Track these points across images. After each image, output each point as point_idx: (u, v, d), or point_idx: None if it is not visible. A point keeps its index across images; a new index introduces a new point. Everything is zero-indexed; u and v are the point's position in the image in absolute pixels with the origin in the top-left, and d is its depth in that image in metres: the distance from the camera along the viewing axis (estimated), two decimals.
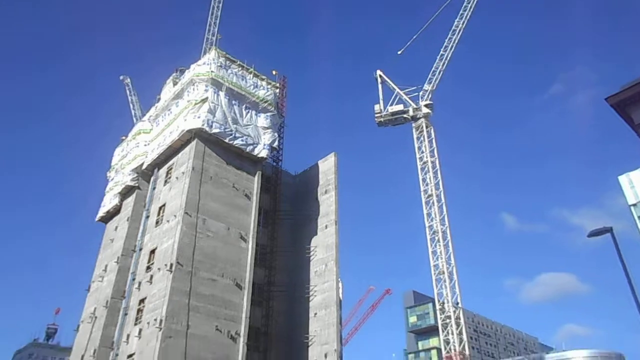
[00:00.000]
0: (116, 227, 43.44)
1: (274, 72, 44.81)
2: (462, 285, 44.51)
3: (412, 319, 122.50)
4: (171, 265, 30.97)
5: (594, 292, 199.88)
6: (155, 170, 40.51)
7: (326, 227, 40.73)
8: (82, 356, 36.46)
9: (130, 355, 30.87)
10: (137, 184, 42.71)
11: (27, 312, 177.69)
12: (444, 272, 44.38)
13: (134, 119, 51.53)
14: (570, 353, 76.96)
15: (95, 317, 37.64)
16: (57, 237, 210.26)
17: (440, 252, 45.22)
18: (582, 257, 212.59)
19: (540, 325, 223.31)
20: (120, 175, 45.19)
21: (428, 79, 53.58)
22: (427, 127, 50.73)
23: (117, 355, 32.26)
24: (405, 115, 52.12)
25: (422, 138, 50.65)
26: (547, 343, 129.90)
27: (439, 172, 48.82)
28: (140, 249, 36.68)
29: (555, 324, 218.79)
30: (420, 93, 53.60)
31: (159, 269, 32.42)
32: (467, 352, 42.33)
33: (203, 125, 35.79)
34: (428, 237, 46.66)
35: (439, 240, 45.74)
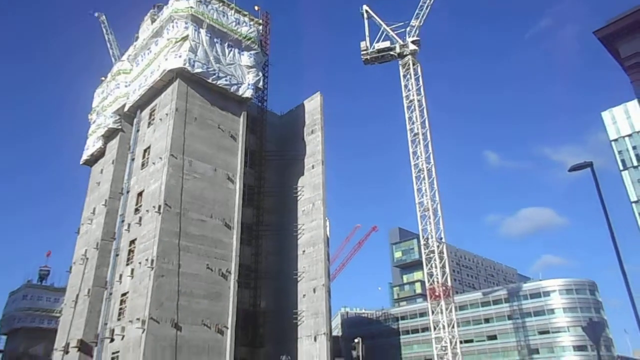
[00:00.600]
0: (102, 170, 43.17)
1: (256, 8, 43.20)
2: (445, 221, 45.78)
3: (398, 254, 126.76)
4: (159, 207, 31.18)
5: (571, 225, 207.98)
6: (138, 112, 39.73)
7: (313, 167, 40.99)
8: (77, 296, 37.40)
9: (124, 294, 31.74)
10: (120, 127, 42.02)
11: (18, 256, 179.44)
12: (428, 209, 45.40)
13: (113, 59, 49.70)
14: (546, 282, 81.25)
15: (87, 259, 38.25)
16: (43, 180, 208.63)
17: (425, 190, 46.01)
18: (561, 192, 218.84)
19: (519, 257, 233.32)
20: (102, 117, 44.28)
21: (415, 14, 52.01)
22: (414, 64, 49.91)
23: (111, 294, 33.13)
24: (392, 53, 51.04)
25: (408, 76, 49.96)
26: (525, 273, 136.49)
27: (425, 110, 48.69)
28: (128, 192, 36.69)
29: (533, 256, 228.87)
30: (407, 29, 52.28)
31: (147, 210, 32.65)
32: (449, 284, 44.26)
33: (185, 64, 34.79)
34: (414, 175, 47.23)
35: (424, 178, 46.38)
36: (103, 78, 47.48)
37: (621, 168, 71.68)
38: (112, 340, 30.51)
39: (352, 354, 30.50)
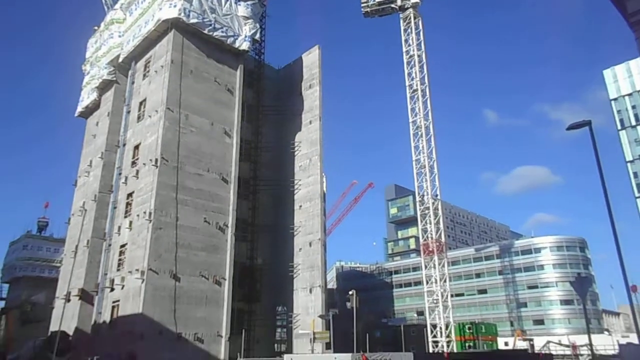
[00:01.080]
0: (97, 123, 42.81)
1: None
2: (441, 178, 46.07)
3: (393, 211, 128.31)
4: (156, 160, 31.17)
5: (565, 184, 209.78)
6: (133, 63, 38.93)
7: (310, 122, 40.73)
8: (76, 246, 37.96)
9: (123, 245, 32.26)
10: (114, 78, 41.28)
11: (16, 207, 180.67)
12: (425, 167, 45.52)
13: (105, 8, 48.15)
14: (537, 239, 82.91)
15: (85, 210, 38.56)
16: (38, 132, 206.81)
17: (423, 147, 45.94)
18: (557, 151, 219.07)
19: (513, 215, 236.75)
20: (95, 68, 43.43)
21: None
22: (415, 18, 48.58)
23: (110, 245, 33.65)
24: (392, 5, 49.58)
25: (409, 30, 48.75)
26: (518, 231, 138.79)
27: (425, 66, 47.81)
28: (124, 145, 36.54)
29: (526, 214, 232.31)
30: None
31: (144, 164, 32.65)
32: (443, 240, 45.05)
33: (180, 14, 33.80)
34: (411, 132, 47.05)
35: (421, 136, 46.20)
36: (96, 27, 46.18)
37: (619, 127, 71.61)
38: (112, 289, 31.27)
39: (347, 305, 31.40)
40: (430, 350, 40.82)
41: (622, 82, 68.65)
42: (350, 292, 30.76)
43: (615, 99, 69.66)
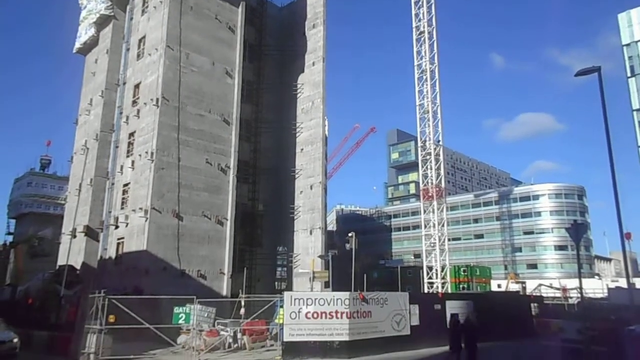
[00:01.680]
0: (96, 60, 41.98)
1: None
2: (444, 124, 45.65)
3: (394, 156, 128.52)
4: (157, 100, 30.88)
5: (568, 132, 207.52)
6: None
7: (313, 64, 39.90)
8: (80, 185, 38.42)
9: (126, 184, 32.64)
10: (112, 13, 40.02)
11: (19, 145, 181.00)
12: (428, 112, 45.06)
13: None
14: (537, 186, 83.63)
15: (87, 149, 38.68)
16: (37, 69, 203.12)
17: (427, 92, 45.26)
18: (563, 98, 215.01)
19: (514, 162, 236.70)
20: (93, 2, 41.99)
21: None
22: None
23: (113, 184, 34.04)
24: None
25: None
26: (518, 178, 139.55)
27: (433, 7, 46.15)
28: (124, 83, 36.04)
29: (526, 161, 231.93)
30: None
31: (145, 103, 32.38)
32: (443, 186, 45.45)
33: None
34: (416, 76, 46.16)
35: (426, 80, 45.39)
36: None
37: (629, 75, 70.00)
38: (116, 227, 31.98)
39: (346, 247, 32.22)
40: (425, 291, 42.29)
41: (637, 27, 66.39)
42: (350, 234, 31.45)
43: (627, 45, 67.64)
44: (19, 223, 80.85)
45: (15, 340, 17.12)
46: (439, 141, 45.53)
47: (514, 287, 51.73)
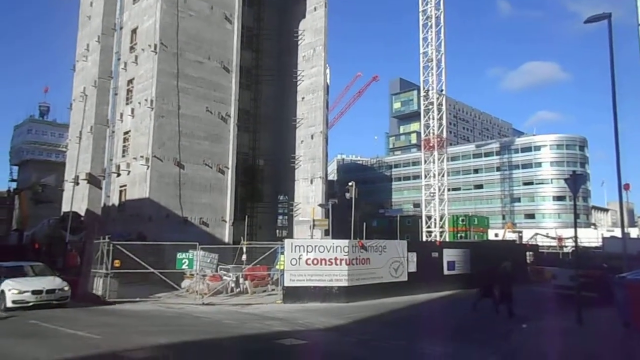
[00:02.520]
0: (91, 3, 40.63)
1: None
2: (447, 73, 44.83)
3: (397, 105, 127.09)
4: (155, 46, 30.20)
5: (573, 81, 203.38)
6: None
7: (315, 9, 38.70)
8: (80, 132, 38.30)
9: (126, 132, 32.55)
10: None
11: (16, 91, 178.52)
12: (432, 60, 44.14)
13: None
14: (538, 137, 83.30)
15: (86, 96, 38.22)
16: (30, 10, 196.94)
17: (431, 39, 44.11)
18: (570, 47, 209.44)
19: (516, 112, 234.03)
20: None
21: None
22: None
23: (113, 132, 33.94)
24: None
25: None
26: (520, 128, 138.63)
27: None
28: (121, 28, 35.10)
29: (529, 111, 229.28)
30: None
31: (143, 49, 31.69)
32: (444, 136, 45.27)
33: None
34: (420, 23, 44.84)
35: (431, 27, 44.10)
36: None
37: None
38: (118, 174, 32.20)
39: (346, 196, 32.54)
40: (424, 240, 43.14)
41: None
42: (350, 184, 31.68)
43: None
44: (21, 170, 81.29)
45: (67, 288, 15.99)
46: (442, 91, 44.93)
47: (511, 236, 52.69)
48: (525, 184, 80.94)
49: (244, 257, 21.35)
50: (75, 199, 35.53)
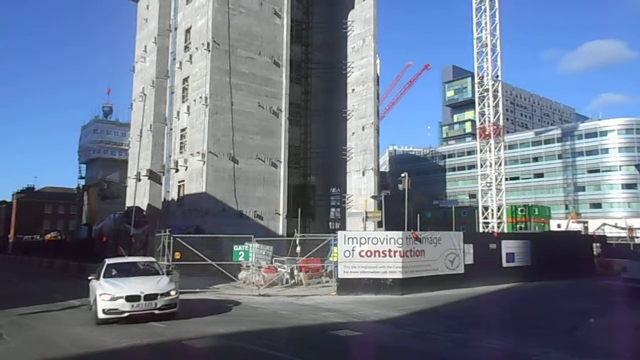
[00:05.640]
0: (147, 6, 42.32)
1: None
2: (503, 58, 43.01)
3: (450, 93, 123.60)
4: (208, 44, 31.04)
5: None
6: None
7: None
8: (141, 130, 40.06)
9: (183, 129, 33.75)
10: None
11: (80, 93, 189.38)
12: (487, 45, 42.49)
13: None
14: (605, 122, 78.35)
15: (145, 96, 39.95)
16: (93, 16, 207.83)
17: (486, 23, 42.46)
18: (637, 21, 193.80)
19: (578, 96, 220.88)
20: None
21: None
22: None
23: (171, 129, 35.30)
24: None
25: None
26: (583, 113, 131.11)
27: None
28: (176, 28, 36.35)
29: (592, 94, 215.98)
30: None
31: (196, 48, 32.66)
32: (501, 123, 43.58)
33: None
34: (474, 7, 43.23)
35: (485, 10, 42.47)
36: None
37: None
38: (177, 170, 33.47)
39: (398, 187, 32.15)
40: (481, 231, 41.87)
41: None
42: (403, 175, 31.26)
43: None
44: (88, 167, 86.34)
45: (173, 292, 12.04)
46: (497, 76, 43.18)
47: (575, 226, 50.10)
48: (590, 171, 76.51)
49: (298, 249, 21.62)
50: (138, 195, 37.27)
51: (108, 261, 13.61)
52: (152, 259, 14.85)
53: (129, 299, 11.31)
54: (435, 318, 13.81)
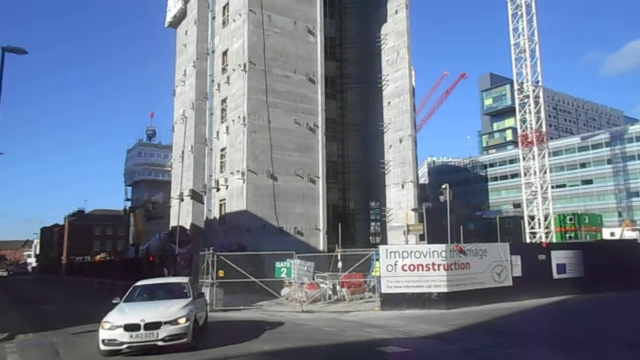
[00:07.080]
0: (186, 32, 43.85)
1: None
2: (542, 63, 41.86)
3: (488, 101, 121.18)
4: (244, 65, 31.75)
5: None
6: None
7: (396, 12, 38.33)
8: (182, 152, 41.27)
9: (222, 149, 34.50)
10: None
11: (125, 117, 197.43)
12: (525, 50, 41.49)
13: None
14: None
15: (186, 118, 41.18)
16: (132, 46, 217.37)
17: (523, 29, 41.48)
18: None
19: (624, 98, 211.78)
20: None
21: None
22: None
23: (211, 149, 36.14)
24: None
25: None
26: (632, 115, 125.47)
27: None
28: (213, 52, 37.43)
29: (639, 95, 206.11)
30: None
31: (233, 69, 33.48)
32: (544, 130, 42.22)
33: None
34: (510, 13, 42.42)
35: (522, 15, 41.52)
36: None
37: None
38: (217, 189, 34.15)
39: (439, 199, 31.60)
40: (527, 242, 40.40)
41: None
42: (444, 186, 30.73)
43: None
44: (134, 189, 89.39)
45: (183, 320, 10.21)
46: (537, 82, 42.01)
47: (630, 234, 47.61)
48: None
49: (339, 264, 21.49)
50: (181, 214, 38.23)
51: (138, 283, 12.53)
52: (184, 279, 13.23)
53: (128, 328, 9.78)
54: (484, 333, 13.35)
